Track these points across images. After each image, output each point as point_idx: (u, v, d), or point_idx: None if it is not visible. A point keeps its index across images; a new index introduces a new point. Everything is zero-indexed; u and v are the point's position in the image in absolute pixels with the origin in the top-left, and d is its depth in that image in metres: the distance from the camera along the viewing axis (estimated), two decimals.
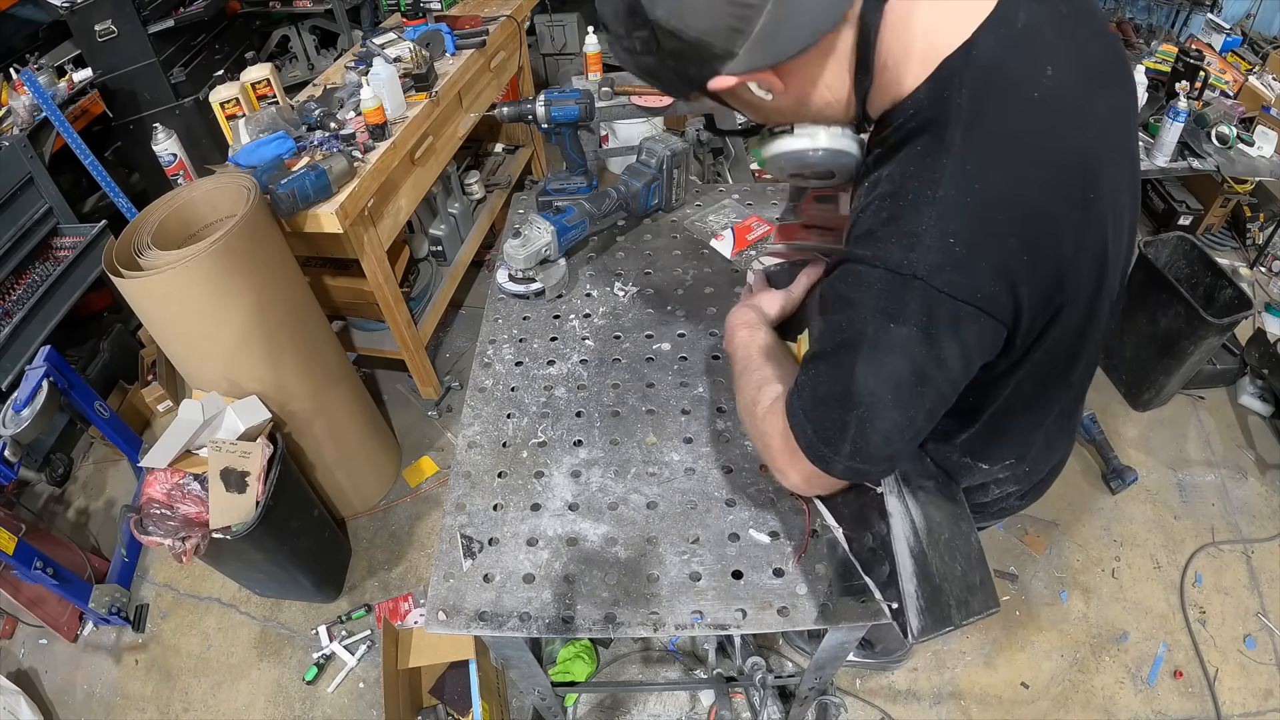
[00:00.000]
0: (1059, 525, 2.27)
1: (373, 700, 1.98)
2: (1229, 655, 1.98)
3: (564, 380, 1.31)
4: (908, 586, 0.84)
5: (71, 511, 2.53)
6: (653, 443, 1.19)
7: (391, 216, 2.16)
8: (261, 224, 1.74)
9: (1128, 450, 2.47)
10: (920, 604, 0.83)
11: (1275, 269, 3.11)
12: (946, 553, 0.88)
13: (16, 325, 2.22)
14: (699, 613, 0.98)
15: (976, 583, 0.87)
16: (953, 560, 0.88)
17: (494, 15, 2.74)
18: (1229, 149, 2.70)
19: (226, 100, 2.04)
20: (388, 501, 2.44)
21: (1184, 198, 3.30)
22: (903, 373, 0.69)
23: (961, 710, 1.89)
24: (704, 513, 1.10)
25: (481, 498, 1.13)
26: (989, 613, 0.85)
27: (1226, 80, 3.07)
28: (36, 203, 2.44)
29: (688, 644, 2.01)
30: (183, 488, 1.77)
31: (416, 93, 2.22)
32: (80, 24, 2.67)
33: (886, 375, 0.70)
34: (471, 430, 1.23)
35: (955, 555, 0.88)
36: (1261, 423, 2.56)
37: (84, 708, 2.05)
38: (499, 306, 1.48)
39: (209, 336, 1.77)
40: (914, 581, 0.84)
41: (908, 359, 0.68)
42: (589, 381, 1.30)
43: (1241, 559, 2.19)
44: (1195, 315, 2.27)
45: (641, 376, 1.31)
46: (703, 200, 1.72)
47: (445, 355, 2.94)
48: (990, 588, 0.87)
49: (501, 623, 0.98)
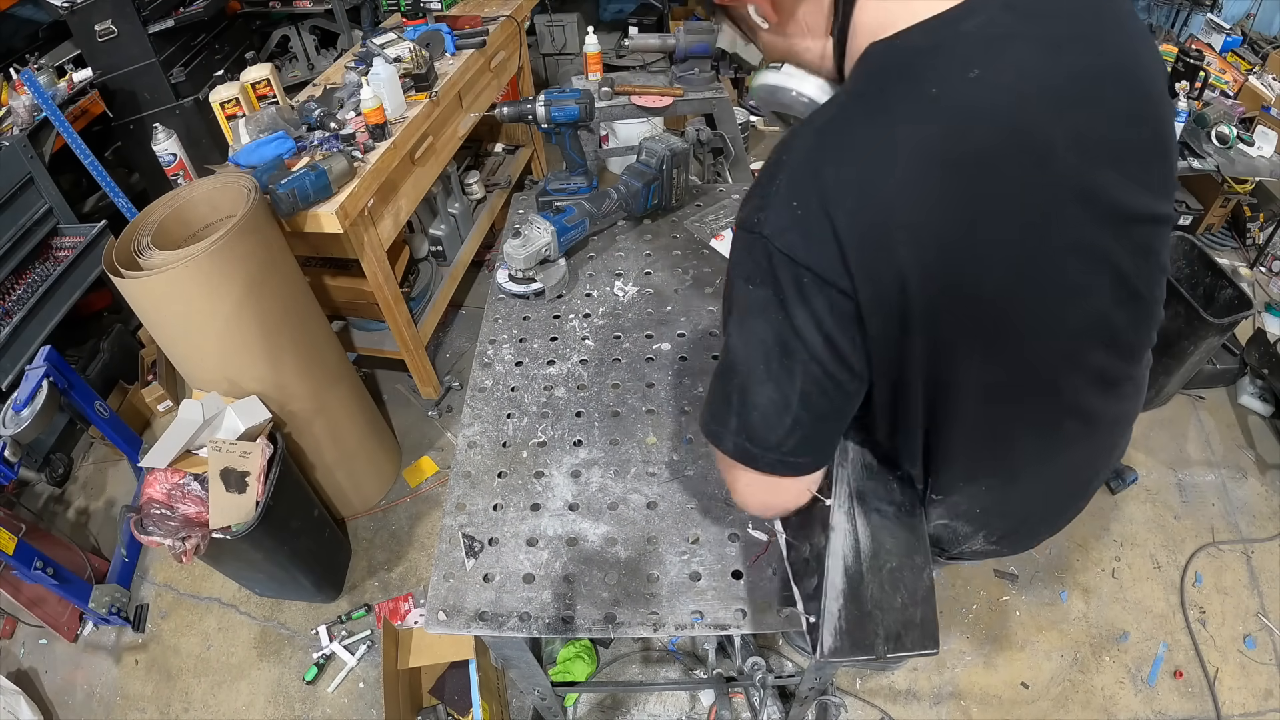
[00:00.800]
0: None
1: (372, 700, 1.98)
2: (1229, 655, 1.98)
3: (564, 380, 1.31)
4: (831, 605, 0.82)
5: (71, 511, 2.53)
6: (653, 442, 1.19)
7: (391, 216, 2.16)
8: (262, 224, 1.74)
9: (1127, 450, 2.47)
10: (840, 625, 0.81)
11: (1275, 269, 3.11)
12: (888, 581, 0.85)
13: (16, 325, 2.22)
14: (699, 613, 0.98)
15: (916, 619, 0.83)
16: (894, 591, 0.85)
17: (494, 15, 2.75)
18: (1229, 149, 2.70)
19: (227, 100, 2.04)
20: (388, 502, 2.44)
21: (1184, 198, 3.30)
22: (768, 340, 0.71)
23: (961, 710, 1.89)
24: (703, 513, 1.10)
25: (482, 498, 1.13)
26: (923, 653, 0.83)
27: (1226, 80, 3.07)
28: (36, 203, 2.44)
29: (688, 644, 2.01)
30: (183, 488, 1.77)
31: (416, 93, 2.22)
32: (80, 24, 2.67)
33: (756, 342, 0.72)
34: (471, 430, 1.24)
35: (899, 587, 0.85)
36: (1261, 423, 2.56)
37: (84, 708, 2.05)
38: (499, 306, 1.48)
39: (209, 336, 1.76)
40: (839, 601, 0.83)
41: (769, 324, 0.70)
42: (589, 381, 1.31)
43: (1241, 559, 2.19)
44: (1195, 315, 2.27)
45: (641, 376, 1.31)
46: (703, 200, 1.72)
47: (445, 355, 2.94)
48: (932, 628, 0.83)
49: (502, 623, 0.98)
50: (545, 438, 1.22)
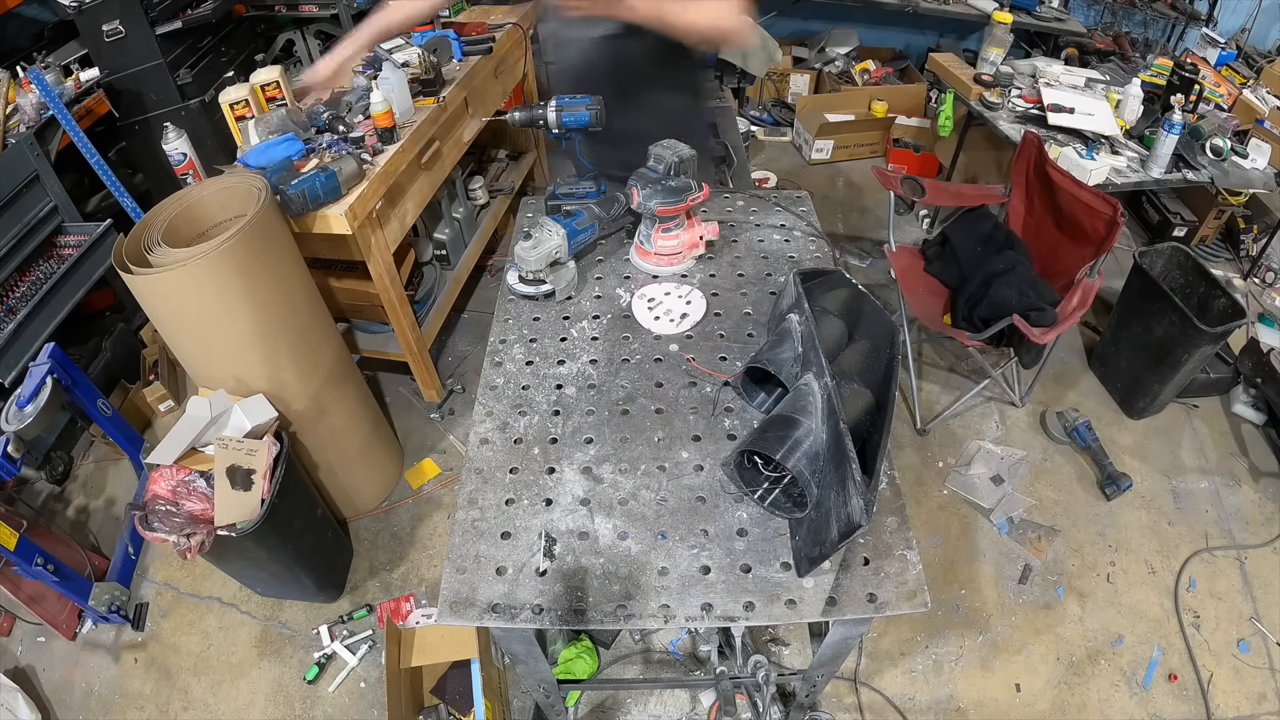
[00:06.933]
0: (1057, 530, 2.29)
1: (374, 700, 1.98)
2: (1223, 659, 2.01)
3: (574, 379, 1.33)
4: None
5: (71, 510, 2.52)
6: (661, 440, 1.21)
7: (398, 219, 2.18)
8: (272, 224, 1.76)
9: (1122, 457, 2.50)
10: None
11: (1269, 280, 3.15)
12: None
13: (20, 322, 2.22)
14: (709, 605, 1.00)
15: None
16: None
17: (500, 23, 2.78)
18: (1223, 161, 2.74)
19: (236, 101, 2.05)
20: (390, 503, 2.45)
21: (1179, 209, 3.36)
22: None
23: (959, 714, 1.91)
24: (712, 508, 1.12)
25: (494, 493, 1.15)
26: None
27: (1221, 94, 3.13)
28: (42, 200, 2.44)
29: (688, 645, 2.03)
30: (188, 484, 1.77)
31: (424, 97, 2.25)
32: (88, 24, 2.68)
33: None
34: (483, 427, 1.25)
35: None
36: (1254, 431, 2.60)
37: (82, 705, 2.05)
38: (509, 307, 1.50)
39: (217, 334, 1.78)
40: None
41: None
42: (599, 381, 1.32)
43: (1235, 565, 2.22)
44: (1189, 324, 2.31)
45: (650, 376, 1.33)
46: (708, 206, 1.75)
47: (448, 359, 2.95)
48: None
49: (514, 615, 1.00)
50: (556, 435, 1.23)
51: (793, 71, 4.42)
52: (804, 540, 1.03)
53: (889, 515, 1.09)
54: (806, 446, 1.04)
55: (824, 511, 0.99)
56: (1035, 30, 3.86)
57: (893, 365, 1.11)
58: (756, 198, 1.80)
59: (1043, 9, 3.85)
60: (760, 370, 1.22)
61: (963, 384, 2.76)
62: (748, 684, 1.61)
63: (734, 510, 1.11)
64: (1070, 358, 2.89)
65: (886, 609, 0.99)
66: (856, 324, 1.25)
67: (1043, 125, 2.84)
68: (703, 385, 1.31)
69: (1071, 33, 3.78)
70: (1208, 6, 3.75)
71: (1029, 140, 2.49)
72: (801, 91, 4.41)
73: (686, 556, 1.05)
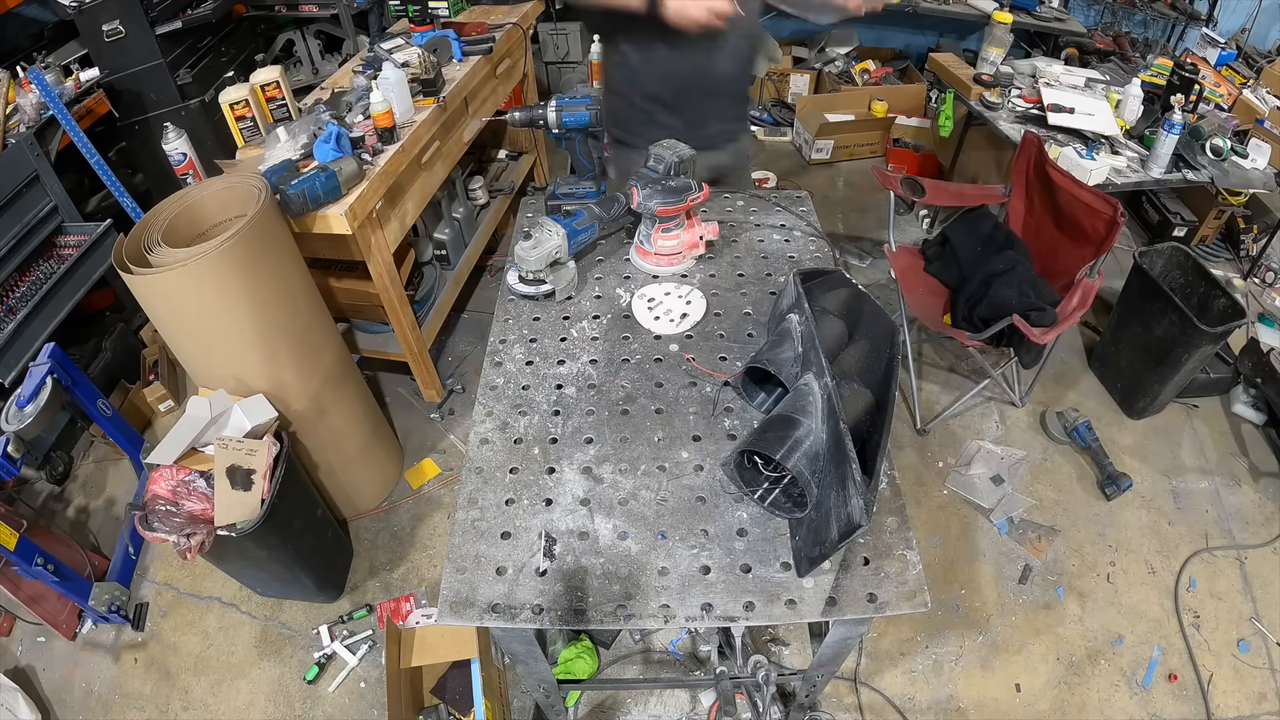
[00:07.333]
0: (1057, 530, 2.29)
1: (374, 700, 1.98)
2: (1223, 659, 2.01)
3: (574, 379, 1.33)
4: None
5: (71, 510, 2.52)
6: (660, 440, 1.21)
7: (398, 219, 2.18)
8: (272, 224, 1.76)
9: (1123, 457, 2.50)
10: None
11: (1269, 280, 3.15)
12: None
13: (20, 322, 2.22)
14: (709, 605, 1.00)
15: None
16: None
17: (500, 23, 2.77)
18: (1223, 161, 2.74)
19: (236, 101, 2.06)
20: (390, 503, 2.45)
21: (1179, 209, 3.35)
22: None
23: (959, 714, 1.91)
24: (712, 508, 1.12)
25: (494, 492, 1.15)
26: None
27: (1221, 94, 3.13)
28: (42, 200, 2.45)
29: (688, 645, 2.03)
30: (188, 484, 1.77)
31: (424, 97, 2.25)
32: (88, 24, 2.68)
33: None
34: (483, 427, 1.25)
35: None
36: (1254, 431, 2.60)
37: (82, 705, 2.05)
38: (509, 307, 1.50)
39: (217, 334, 1.78)
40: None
41: None
42: (599, 381, 1.32)
43: (1235, 565, 2.22)
44: (1189, 324, 2.31)
45: (650, 376, 1.33)
46: (708, 206, 1.75)
47: (448, 359, 2.95)
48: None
49: (515, 614, 1.00)
50: (556, 434, 1.23)
51: (793, 71, 4.42)
52: (804, 540, 1.03)
53: (889, 515, 1.09)
54: (806, 446, 1.04)
55: (824, 511, 0.99)
56: (1035, 30, 3.86)
57: (893, 365, 1.11)
58: (756, 198, 1.80)
59: (1043, 9, 3.85)
60: (760, 370, 1.22)
61: (963, 384, 2.76)
62: (748, 684, 1.61)
63: (734, 510, 1.11)
64: (1070, 358, 2.89)
65: (886, 609, 0.99)
66: (856, 324, 1.25)
67: (1043, 125, 2.84)
68: (703, 385, 1.31)
69: (1071, 33, 3.78)
70: (1208, 6, 3.75)
71: (1029, 140, 2.49)
72: (801, 91, 4.41)
73: (686, 556, 1.05)
